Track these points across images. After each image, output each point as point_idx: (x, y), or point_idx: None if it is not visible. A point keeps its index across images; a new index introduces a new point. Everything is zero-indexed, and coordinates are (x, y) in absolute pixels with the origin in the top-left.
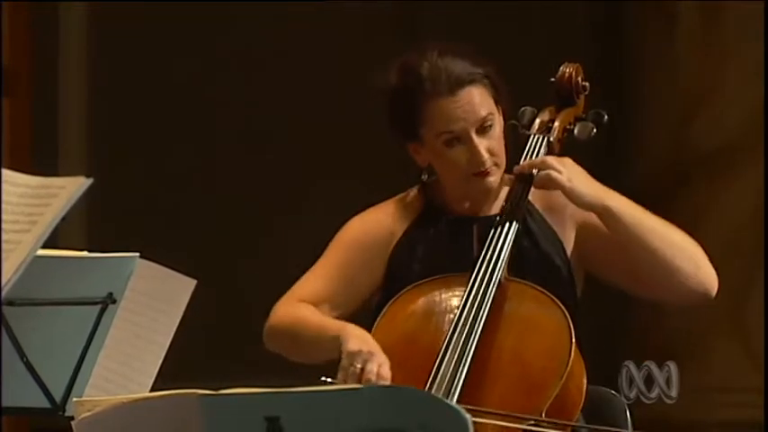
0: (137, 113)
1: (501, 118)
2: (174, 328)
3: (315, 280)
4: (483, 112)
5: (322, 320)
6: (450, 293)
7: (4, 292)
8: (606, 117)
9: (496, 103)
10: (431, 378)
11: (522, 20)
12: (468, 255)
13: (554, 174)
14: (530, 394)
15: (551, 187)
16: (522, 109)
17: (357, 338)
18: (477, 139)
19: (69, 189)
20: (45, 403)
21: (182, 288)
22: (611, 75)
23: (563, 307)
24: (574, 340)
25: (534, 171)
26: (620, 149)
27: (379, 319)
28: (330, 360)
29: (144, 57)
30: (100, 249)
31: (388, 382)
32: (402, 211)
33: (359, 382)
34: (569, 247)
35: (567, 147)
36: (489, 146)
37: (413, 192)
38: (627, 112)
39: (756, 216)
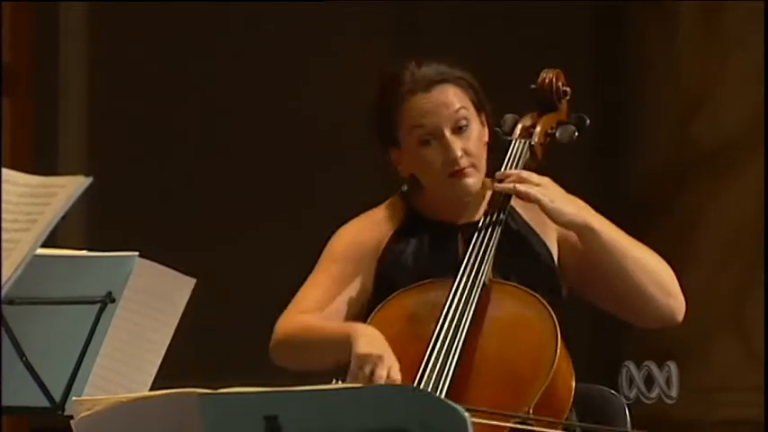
0: (137, 113)
1: (480, 122)
2: (174, 328)
3: (313, 291)
4: (456, 106)
5: (330, 324)
6: (436, 298)
7: (3, 291)
8: (588, 121)
9: (476, 107)
10: (416, 380)
11: (523, 20)
12: (453, 260)
13: (532, 189)
14: (516, 392)
15: (529, 201)
16: (505, 117)
17: (367, 340)
18: (450, 137)
19: (69, 188)
20: (44, 402)
21: (181, 287)
22: (611, 74)
23: (548, 305)
24: (559, 337)
25: (512, 185)
26: (621, 149)
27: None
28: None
29: (144, 56)
30: (99, 248)
31: (398, 382)
32: (387, 219)
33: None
34: (554, 250)
35: (568, 147)
36: (464, 146)
37: (397, 200)
38: (627, 112)
39: (757, 216)
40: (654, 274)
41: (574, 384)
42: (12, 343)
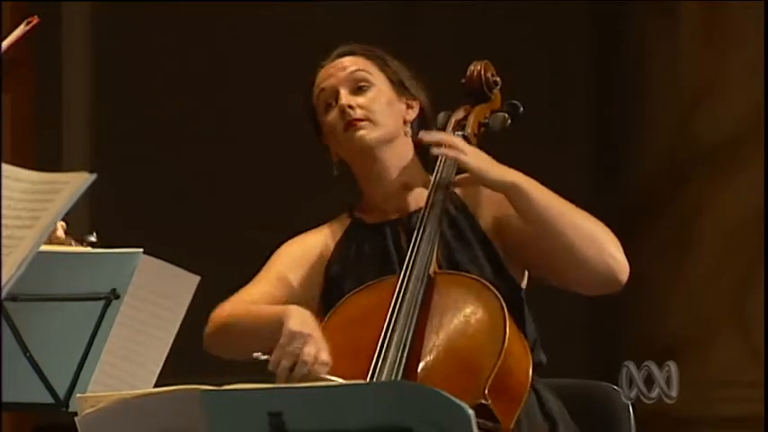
0: (140, 108)
1: (396, 97)
2: (178, 324)
3: (252, 287)
4: (352, 68)
5: (263, 308)
6: (383, 297)
7: (7, 288)
8: (522, 108)
9: (391, 80)
10: (368, 377)
11: (523, 18)
12: (399, 257)
13: (457, 151)
14: (468, 376)
15: (454, 159)
16: (439, 114)
17: (298, 319)
18: (344, 94)
19: (72, 185)
20: (48, 399)
21: (185, 284)
22: (612, 72)
23: (494, 289)
24: (508, 319)
25: (437, 149)
26: (622, 147)
27: None
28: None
29: (147, 51)
30: (103, 245)
31: (326, 367)
32: (333, 230)
33: (295, 362)
34: (496, 240)
35: (566, 148)
36: (360, 101)
37: (343, 214)
38: (628, 109)
39: (757, 212)
40: (586, 232)
41: (530, 367)
42: (16, 339)
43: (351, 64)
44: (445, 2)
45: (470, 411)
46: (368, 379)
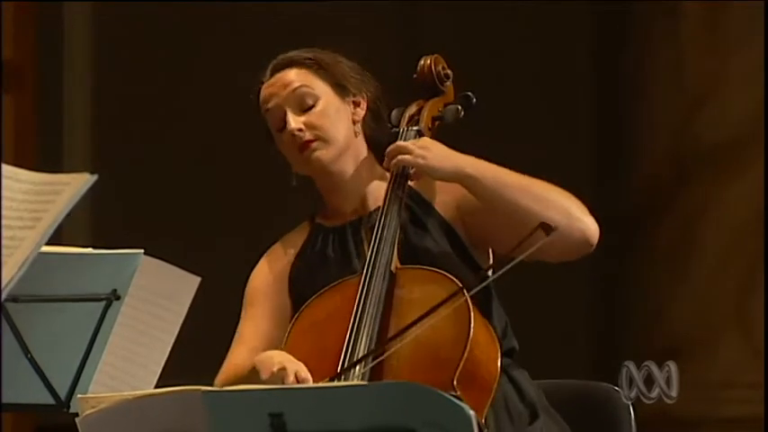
0: (141, 110)
1: (342, 101)
2: (179, 325)
3: (240, 346)
4: (295, 85)
5: (242, 367)
6: (346, 297)
7: (8, 289)
8: (475, 99)
9: (334, 86)
10: (336, 379)
11: (525, 18)
12: (360, 257)
13: (403, 157)
14: (435, 368)
15: (407, 166)
16: (392, 111)
17: (265, 365)
18: (291, 115)
19: (74, 185)
20: (49, 400)
21: (186, 285)
22: (614, 73)
23: (456, 280)
24: (472, 310)
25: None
26: (624, 147)
27: (284, 341)
28: None
29: (148, 51)
30: (104, 246)
31: (309, 383)
32: (294, 239)
33: None
34: (458, 226)
35: (568, 148)
36: (309, 120)
37: (306, 222)
38: (630, 110)
39: (759, 213)
40: (548, 200)
41: (499, 356)
42: (17, 340)
43: (291, 79)
44: (446, 2)
45: (471, 412)
46: (336, 379)
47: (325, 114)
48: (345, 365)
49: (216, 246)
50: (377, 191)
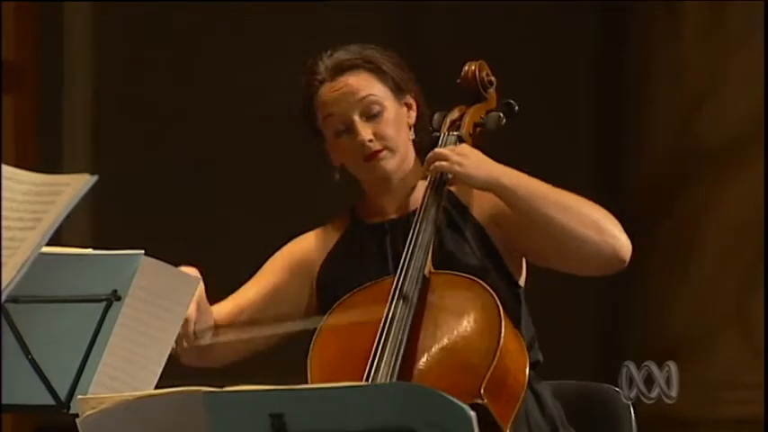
0: (142, 110)
1: (401, 104)
2: (179, 326)
3: (235, 296)
4: (362, 93)
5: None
6: (378, 299)
7: (8, 290)
8: (517, 107)
9: (393, 90)
10: (364, 379)
11: (525, 18)
12: (395, 259)
13: (441, 163)
14: (464, 375)
15: (444, 172)
16: (434, 114)
17: None
18: (360, 124)
19: (74, 186)
20: (49, 400)
21: (187, 286)
22: (615, 72)
23: (489, 288)
24: (503, 318)
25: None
26: (624, 147)
27: (314, 338)
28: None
29: (149, 52)
30: (104, 246)
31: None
32: (331, 231)
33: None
34: (493, 233)
35: (569, 149)
36: (376, 129)
37: (345, 212)
38: (631, 110)
39: (759, 213)
40: (581, 215)
41: (527, 366)
42: (17, 341)
43: (359, 86)
44: (447, 2)
45: (472, 413)
46: (364, 381)
47: (391, 123)
48: (374, 368)
49: (216, 246)
50: (419, 191)
